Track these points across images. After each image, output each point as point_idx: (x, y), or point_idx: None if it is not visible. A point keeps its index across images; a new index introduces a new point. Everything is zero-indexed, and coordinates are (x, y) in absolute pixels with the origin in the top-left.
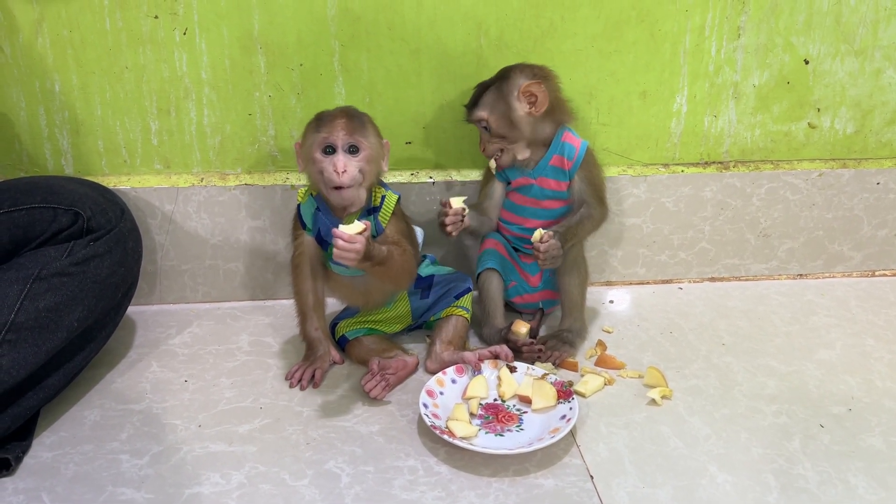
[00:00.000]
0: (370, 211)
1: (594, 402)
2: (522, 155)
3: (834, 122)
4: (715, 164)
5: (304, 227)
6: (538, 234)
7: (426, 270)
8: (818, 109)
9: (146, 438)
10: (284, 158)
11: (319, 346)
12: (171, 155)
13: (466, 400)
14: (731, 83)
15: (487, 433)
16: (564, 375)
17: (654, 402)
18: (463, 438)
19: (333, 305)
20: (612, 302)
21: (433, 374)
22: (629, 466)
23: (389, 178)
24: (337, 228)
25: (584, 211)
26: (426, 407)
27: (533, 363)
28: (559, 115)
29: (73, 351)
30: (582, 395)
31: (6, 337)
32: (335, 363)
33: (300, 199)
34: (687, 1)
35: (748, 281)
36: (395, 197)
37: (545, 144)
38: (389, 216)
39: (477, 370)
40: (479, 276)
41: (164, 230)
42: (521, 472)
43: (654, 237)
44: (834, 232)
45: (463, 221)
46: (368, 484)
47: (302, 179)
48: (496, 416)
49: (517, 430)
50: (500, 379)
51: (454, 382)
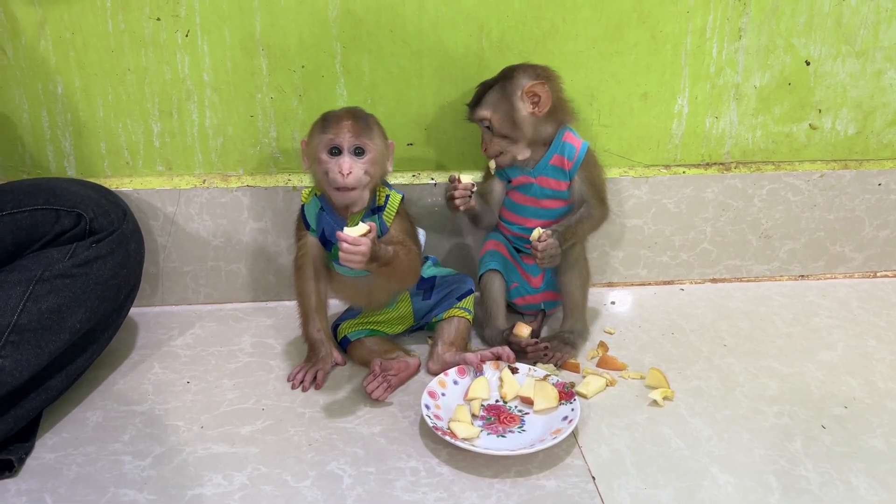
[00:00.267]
0: (374, 210)
1: (596, 403)
2: (523, 155)
3: (835, 123)
4: (716, 165)
5: (307, 227)
6: (536, 232)
7: (428, 272)
8: (819, 111)
9: (148, 440)
10: (286, 160)
11: (321, 347)
12: (173, 157)
13: (468, 401)
14: (732, 84)
15: (489, 434)
16: (566, 376)
17: (655, 403)
18: (465, 440)
19: (335, 307)
20: (613, 303)
21: (435, 375)
22: (631, 467)
23: (391, 179)
24: (342, 231)
25: (583, 211)
26: (428, 408)
27: (535, 364)
28: (561, 115)
29: (75, 352)
30: (584, 396)
31: (9, 338)
32: (337, 364)
33: (304, 199)
34: (688, 2)
35: (750, 282)
36: (399, 197)
37: (546, 144)
38: (394, 216)
39: (479, 371)
40: (480, 277)
41: (166, 232)
42: (522, 473)
43: (655, 238)
44: (835, 233)
45: (471, 198)
46: (370, 485)
47: (304, 181)
48: (498, 417)
49: (519, 431)
50: (501, 380)
51: (456, 384)
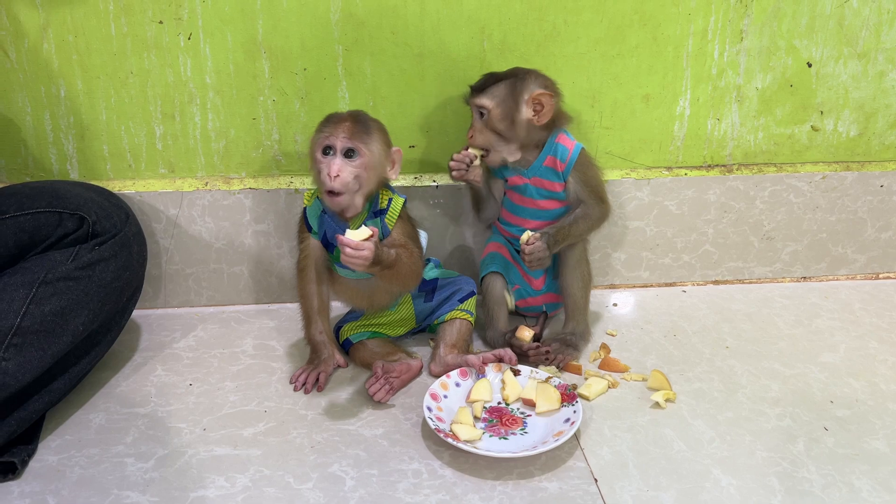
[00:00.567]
0: (377, 214)
1: (598, 405)
2: (513, 157)
3: (837, 124)
4: (718, 167)
5: (309, 230)
6: (525, 235)
7: (430, 274)
8: (821, 112)
9: (151, 442)
10: (288, 162)
11: (324, 349)
12: (175, 159)
13: (470, 403)
14: (734, 86)
15: (491, 436)
16: (568, 379)
17: (657, 405)
18: (467, 442)
19: (337, 309)
20: (615, 305)
21: (437, 377)
22: (633, 469)
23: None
24: (343, 235)
25: (579, 211)
26: (430, 410)
27: (537, 366)
28: (556, 125)
29: (78, 355)
30: (586, 398)
31: (12, 341)
32: (339, 366)
33: (306, 201)
34: (690, 5)
35: (752, 284)
36: (401, 200)
37: (539, 146)
38: (396, 219)
39: (481, 373)
40: (482, 279)
41: (168, 234)
42: (525, 475)
43: (657, 240)
44: (837, 234)
45: (468, 170)
46: (373, 487)
47: (306, 183)
48: (500, 419)
49: (521, 433)
50: (503, 382)
51: (458, 386)
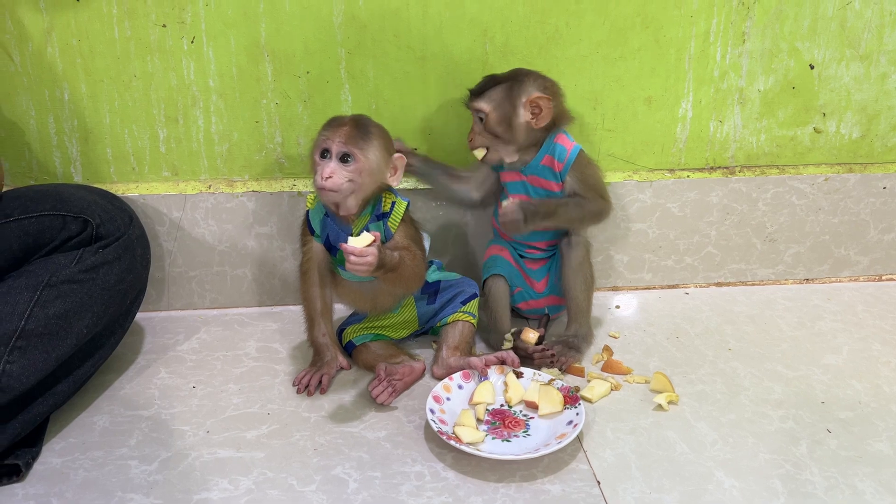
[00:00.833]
0: (380, 217)
1: (601, 407)
2: (510, 158)
3: (839, 126)
4: (720, 169)
5: (312, 232)
6: (508, 200)
7: (433, 276)
8: (824, 114)
9: (155, 444)
10: (291, 165)
11: (327, 351)
12: (178, 162)
13: (473, 405)
14: (736, 88)
15: (494, 439)
16: (571, 381)
17: (660, 407)
18: (470, 444)
19: (340, 311)
20: (618, 307)
21: (440, 379)
22: (636, 472)
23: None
24: (346, 243)
25: (575, 198)
26: (433, 412)
27: (540, 368)
28: (557, 126)
29: (82, 357)
30: (588, 400)
31: (16, 344)
32: (342, 369)
33: (309, 204)
34: (692, 7)
35: (754, 286)
36: (404, 204)
37: (537, 146)
38: (399, 222)
39: (483, 376)
40: (485, 281)
41: (172, 237)
42: (527, 477)
43: (659, 242)
44: (840, 236)
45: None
46: (376, 489)
47: (309, 186)
48: (503, 421)
49: (524, 435)
50: (506, 384)
51: (461, 388)
